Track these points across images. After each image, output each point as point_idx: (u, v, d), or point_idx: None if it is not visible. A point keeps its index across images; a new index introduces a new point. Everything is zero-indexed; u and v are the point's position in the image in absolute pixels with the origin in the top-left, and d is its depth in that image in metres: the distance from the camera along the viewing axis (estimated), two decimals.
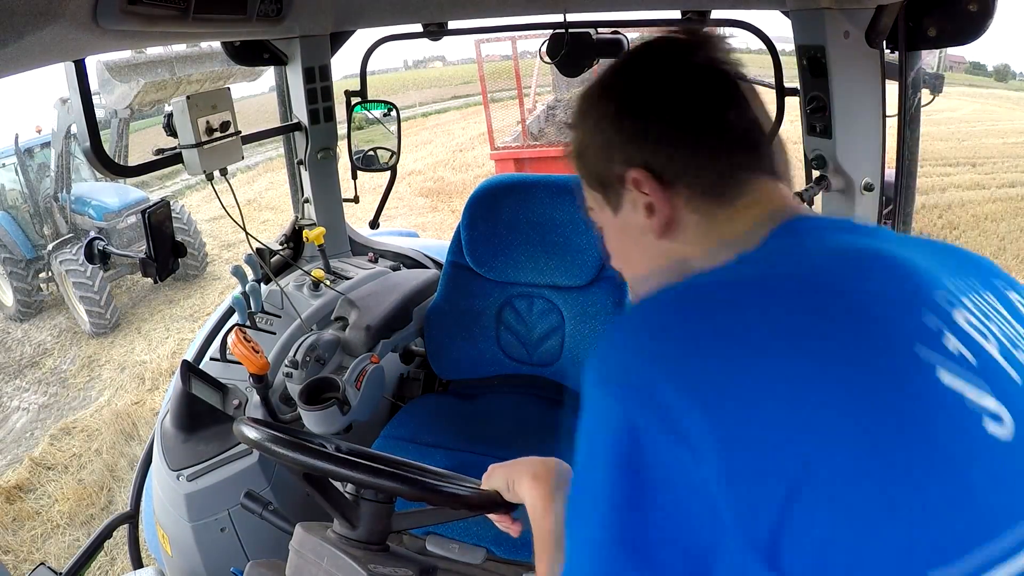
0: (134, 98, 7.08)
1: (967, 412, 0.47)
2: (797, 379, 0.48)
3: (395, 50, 18.18)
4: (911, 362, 0.48)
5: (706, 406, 0.48)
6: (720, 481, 0.46)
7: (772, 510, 0.44)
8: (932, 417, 0.46)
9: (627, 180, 0.68)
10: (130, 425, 5.38)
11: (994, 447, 0.46)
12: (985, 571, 0.44)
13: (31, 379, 6.98)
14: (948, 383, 0.47)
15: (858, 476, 0.44)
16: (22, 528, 4.32)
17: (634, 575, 0.48)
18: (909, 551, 0.44)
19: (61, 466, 5.03)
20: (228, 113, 1.63)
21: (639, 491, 0.49)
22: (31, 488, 4.76)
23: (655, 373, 0.51)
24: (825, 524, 0.44)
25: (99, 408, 5.90)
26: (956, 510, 0.44)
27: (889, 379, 0.47)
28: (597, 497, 0.51)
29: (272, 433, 0.98)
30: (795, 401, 0.47)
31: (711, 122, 0.67)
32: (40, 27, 0.93)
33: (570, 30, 1.89)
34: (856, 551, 0.43)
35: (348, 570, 0.94)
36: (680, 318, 0.55)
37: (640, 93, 0.69)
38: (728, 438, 0.46)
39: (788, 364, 0.48)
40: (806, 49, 1.58)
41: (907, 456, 0.45)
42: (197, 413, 1.64)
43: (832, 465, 0.44)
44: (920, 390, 0.47)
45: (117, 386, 6.40)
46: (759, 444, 0.46)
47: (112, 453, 5.04)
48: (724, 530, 0.46)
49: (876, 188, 1.66)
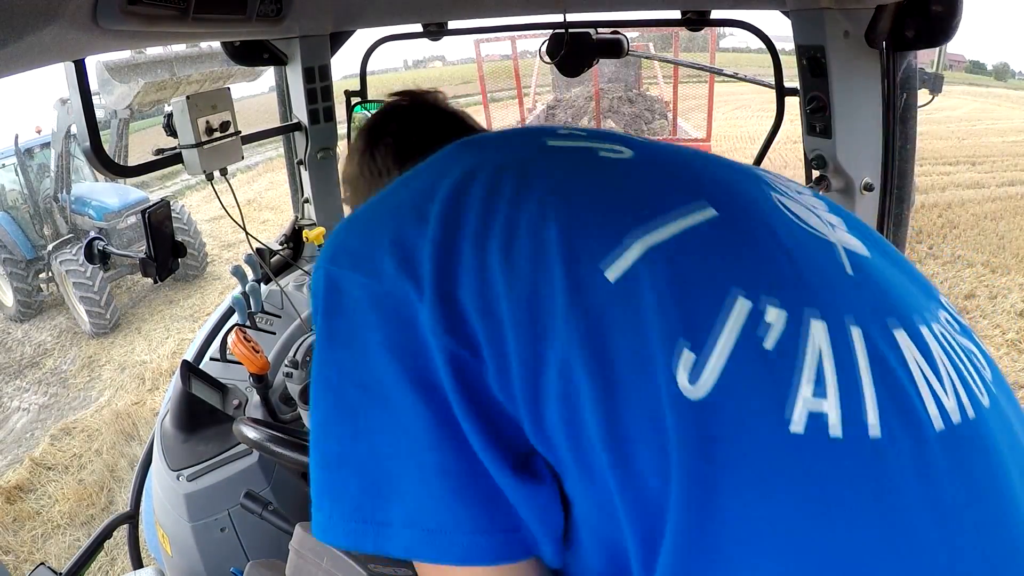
0: (134, 98, 7.08)
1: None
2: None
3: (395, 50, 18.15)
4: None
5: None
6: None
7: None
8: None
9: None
10: (130, 425, 5.39)
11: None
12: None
13: (31, 379, 6.98)
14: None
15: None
16: (22, 528, 4.32)
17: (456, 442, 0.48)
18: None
19: (61, 466, 5.03)
20: (228, 113, 1.63)
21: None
22: (31, 488, 4.77)
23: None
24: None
25: (99, 408, 5.90)
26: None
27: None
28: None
29: (272, 433, 0.98)
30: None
31: (423, 136, 0.89)
32: (40, 27, 0.93)
33: (570, 30, 1.89)
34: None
35: (348, 570, 0.94)
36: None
37: (373, 139, 0.92)
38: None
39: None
40: (806, 49, 1.58)
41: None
42: (197, 413, 1.64)
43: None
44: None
45: (117, 386, 6.40)
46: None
47: (112, 453, 5.04)
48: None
49: (876, 188, 1.66)
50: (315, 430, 0.53)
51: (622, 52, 1.93)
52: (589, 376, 0.45)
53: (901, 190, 1.67)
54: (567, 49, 1.89)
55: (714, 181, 0.56)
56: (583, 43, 1.90)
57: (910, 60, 1.57)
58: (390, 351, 0.50)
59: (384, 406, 0.49)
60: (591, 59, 1.94)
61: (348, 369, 0.52)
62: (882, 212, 1.70)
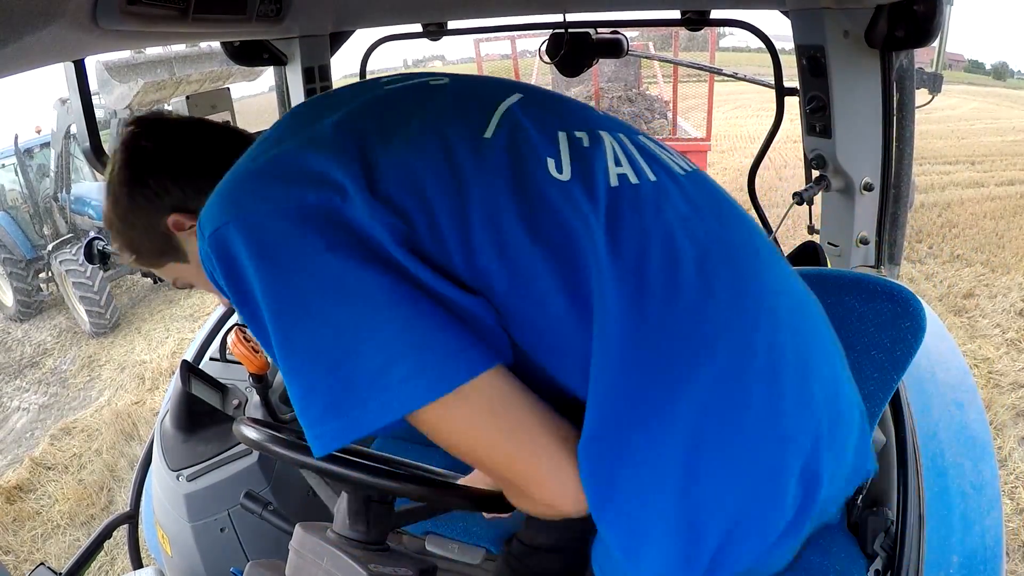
0: (133, 98, 7.06)
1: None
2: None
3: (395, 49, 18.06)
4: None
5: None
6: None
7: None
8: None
9: (173, 232, 0.88)
10: (130, 425, 5.37)
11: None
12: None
13: (31, 379, 6.97)
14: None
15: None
16: (22, 528, 4.31)
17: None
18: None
19: (61, 466, 5.02)
20: (228, 113, 1.63)
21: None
22: (31, 488, 4.76)
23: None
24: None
25: (99, 408, 5.89)
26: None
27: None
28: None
29: (272, 433, 0.98)
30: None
31: (195, 153, 0.89)
32: (39, 27, 0.93)
33: (570, 30, 1.89)
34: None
35: (348, 570, 0.94)
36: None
37: (142, 167, 0.88)
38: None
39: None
40: (805, 49, 1.58)
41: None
42: (197, 413, 1.64)
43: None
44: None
45: (117, 386, 6.39)
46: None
47: (112, 453, 5.03)
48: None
49: (876, 188, 1.66)
50: (293, 362, 0.60)
51: (622, 52, 1.93)
52: (508, 200, 0.65)
53: (899, 189, 1.68)
54: (567, 49, 1.89)
55: (513, 82, 0.83)
56: (583, 43, 1.90)
57: (908, 60, 1.57)
58: (333, 250, 0.60)
59: (343, 299, 0.59)
60: (591, 59, 1.94)
61: (297, 291, 0.60)
62: (881, 211, 1.70)
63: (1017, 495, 3.72)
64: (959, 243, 8.53)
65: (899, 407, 1.47)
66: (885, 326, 1.34)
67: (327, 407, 0.59)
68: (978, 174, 11.98)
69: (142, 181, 0.87)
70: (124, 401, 5.93)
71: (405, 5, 1.92)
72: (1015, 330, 5.85)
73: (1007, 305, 6.44)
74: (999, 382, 4.99)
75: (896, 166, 1.65)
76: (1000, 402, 4.66)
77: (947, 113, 17.30)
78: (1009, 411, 4.56)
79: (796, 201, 1.66)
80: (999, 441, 4.15)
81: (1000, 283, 7.08)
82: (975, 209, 9.84)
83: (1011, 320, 6.13)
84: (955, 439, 1.51)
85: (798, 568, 1.35)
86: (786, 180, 10.05)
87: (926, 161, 12.35)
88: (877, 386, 1.36)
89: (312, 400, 0.60)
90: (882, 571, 1.33)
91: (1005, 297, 6.65)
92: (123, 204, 0.88)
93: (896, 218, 1.70)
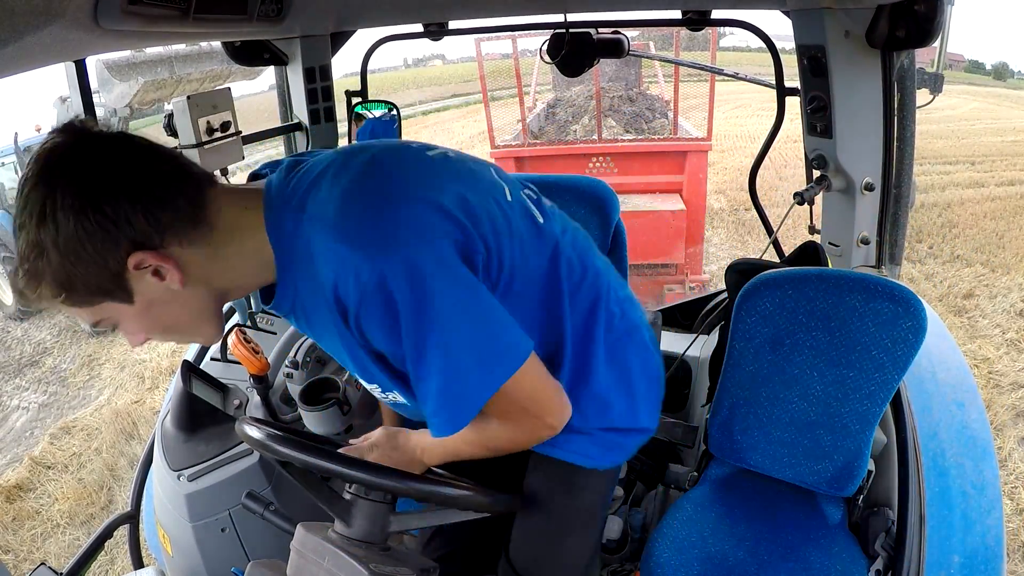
0: (133, 97, 7.08)
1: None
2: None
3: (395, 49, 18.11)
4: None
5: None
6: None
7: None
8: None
9: (128, 269, 0.77)
10: (130, 424, 5.36)
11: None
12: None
13: (31, 378, 6.95)
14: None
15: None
16: (22, 528, 4.31)
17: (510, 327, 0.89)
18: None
19: (61, 465, 5.01)
20: (228, 113, 1.63)
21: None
22: (31, 487, 4.75)
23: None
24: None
25: (99, 407, 5.88)
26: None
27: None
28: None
29: (274, 433, 0.98)
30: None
31: (153, 179, 0.77)
32: (40, 27, 0.93)
33: (570, 30, 1.89)
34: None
35: (349, 570, 0.94)
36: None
37: (94, 190, 0.74)
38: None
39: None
40: (806, 49, 1.58)
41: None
42: (198, 413, 1.64)
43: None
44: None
45: (117, 385, 6.38)
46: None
47: (112, 452, 5.02)
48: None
49: (877, 188, 1.66)
50: (445, 350, 0.83)
51: (623, 52, 1.93)
52: (532, 242, 0.98)
53: (900, 189, 1.67)
54: (568, 49, 1.89)
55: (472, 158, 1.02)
56: (584, 43, 1.90)
57: (909, 60, 1.57)
58: (457, 268, 0.84)
59: (471, 297, 0.85)
60: (592, 59, 1.93)
61: (455, 294, 0.83)
62: (882, 211, 1.70)
63: (1017, 495, 3.72)
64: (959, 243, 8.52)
65: (900, 407, 1.47)
66: (886, 326, 1.34)
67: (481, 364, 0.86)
68: (978, 174, 11.97)
69: (96, 206, 0.73)
70: (124, 400, 5.92)
71: (406, 5, 1.92)
72: (1015, 330, 5.85)
73: (1007, 305, 6.44)
74: (999, 382, 4.98)
75: (897, 166, 1.65)
76: (1000, 402, 4.66)
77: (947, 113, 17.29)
78: (1009, 411, 4.56)
79: (797, 201, 1.66)
80: (999, 441, 4.15)
81: (1000, 283, 7.07)
82: (975, 209, 9.84)
83: (1011, 320, 6.12)
84: (956, 439, 1.51)
85: (799, 567, 1.35)
86: (786, 180, 10.03)
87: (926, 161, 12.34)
88: (878, 386, 1.36)
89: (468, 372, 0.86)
90: (883, 571, 1.33)
91: (1005, 297, 6.65)
92: (67, 233, 0.73)
93: (897, 218, 1.70)
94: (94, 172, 0.75)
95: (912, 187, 1.69)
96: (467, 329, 0.84)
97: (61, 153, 0.76)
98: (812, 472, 1.46)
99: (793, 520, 1.47)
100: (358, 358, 0.91)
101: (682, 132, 7.66)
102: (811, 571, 1.34)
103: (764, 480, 1.54)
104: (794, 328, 1.44)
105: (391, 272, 0.79)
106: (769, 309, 1.46)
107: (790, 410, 1.46)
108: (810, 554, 1.38)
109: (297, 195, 0.85)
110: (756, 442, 1.51)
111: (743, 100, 19.20)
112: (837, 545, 1.39)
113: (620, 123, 8.91)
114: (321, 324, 0.90)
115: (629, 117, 8.91)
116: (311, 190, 0.85)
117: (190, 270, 0.81)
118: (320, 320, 0.88)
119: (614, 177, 6.92)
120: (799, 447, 1.46)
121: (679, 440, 1.91)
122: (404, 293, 0.79)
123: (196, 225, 0.80)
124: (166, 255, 0.78)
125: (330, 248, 0.80)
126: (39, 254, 0.75)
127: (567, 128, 8.85)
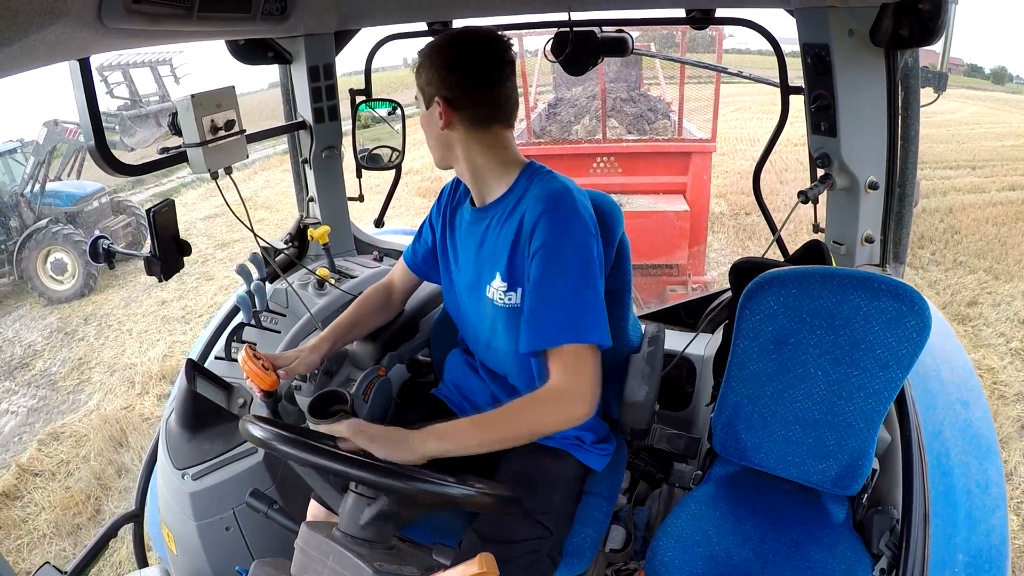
0: None
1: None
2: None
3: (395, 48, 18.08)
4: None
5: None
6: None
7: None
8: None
9: (436, 100, 1.27)
10: (119, 431, 5.22)
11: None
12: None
13: (20, 381, 6.85)
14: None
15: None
16: (7, 537, 4.20)
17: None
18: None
19: (48, 472, 4.90)
20: (232, 111, 1.62)
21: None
22: (18, 495, 4.64)
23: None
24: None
25: (88, 412, 5.75)
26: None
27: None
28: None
29: (279, 432, 0.98)
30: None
31: (486, 85, 1.27)
32: (44, 26, 0.93)
33: (574, 29, 1.89)
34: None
35: (354, 568, 0.93)
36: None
37: (450, 58, 1.27)
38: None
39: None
40: (810, 47, 1.58)
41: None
42: (202, 412, 1.64)
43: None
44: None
45: (107, 390, 6.25)
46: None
47: (100, 460, 4.90)
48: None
49: (881, 187, 1.66)
50: (568, 281, 1.20)
51: (627, 50, 1.92)
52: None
53: (904, 188, 1.67)
54: (572, 47, 1.89)
55: None
56: (588, 41, 1.90)
57: (913, 58, 1.57)
58: (592, 247, 1.24)
59: (590, 264, 1.22)
60: (596, 57, 1.93)
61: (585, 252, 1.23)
62: (886, 210, 1.70)
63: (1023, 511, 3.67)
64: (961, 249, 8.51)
65: (904, 405, 1.47)
66: (890, 324, 1.34)
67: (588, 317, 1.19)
68: (979, 179, 11.97)
69: (437, 73, 1.28)
70: (113, 406, 5.82)
71: (410, 4, 1.92)
72: (1019, 339, 5.81)
73: (1011, 313, 6.41)
74: (1004, 393, 4.91)
75: (901, 165, 1.64)
76: (1005, 414, 4.57)
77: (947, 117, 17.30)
78: (1014, 423, 4.47)
79: (801, 200, 1.65)
80: (1004, 455, 4.11)
81: (1003, 290, 7.05)
82: (977, 215, 9.82)
83: (1015, 329, 6.09)
84: (960, 437, 1.50)
85: (804, 565, 1.35)
86: (787, 184, 10.03)
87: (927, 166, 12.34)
88: (882, 384, 1.36)
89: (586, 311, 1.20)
90: (887, 570, 1.32)
91: (1009, 305, 6.62)
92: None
93: (901, 217, 1.70)
94: (451, 56, 1.31)
95: (916, 186, 1.69)
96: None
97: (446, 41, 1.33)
98: (816, 471, 1.45)
99: (797, 519, 1.47)
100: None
101: (686, 134, 7.67)
102: (815, 570, 1.34)
103: (768, 479, 1.54)
104: (798, 326, 1.44)
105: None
106: (773, 308, 1.45)
107: (794, 408, 1.46)
108: (814, 553, 1.37)
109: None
110: (760, 441, 1.51)
111: (743, 103, 19.20)
112: (841, 544, 1.39)
113: (622, 124, 8.92)
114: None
115: (631, 118, 8.92)
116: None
117: (449, 129, 1.30)
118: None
119: (618, 177, 6.93)
120: (803, 446, 1.46)
121: (682, 452, 1.91)
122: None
123: (475, 127, 1.31)
124: (450, 112, 1.28)
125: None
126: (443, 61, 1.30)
127: (569, 128, 8.86)
